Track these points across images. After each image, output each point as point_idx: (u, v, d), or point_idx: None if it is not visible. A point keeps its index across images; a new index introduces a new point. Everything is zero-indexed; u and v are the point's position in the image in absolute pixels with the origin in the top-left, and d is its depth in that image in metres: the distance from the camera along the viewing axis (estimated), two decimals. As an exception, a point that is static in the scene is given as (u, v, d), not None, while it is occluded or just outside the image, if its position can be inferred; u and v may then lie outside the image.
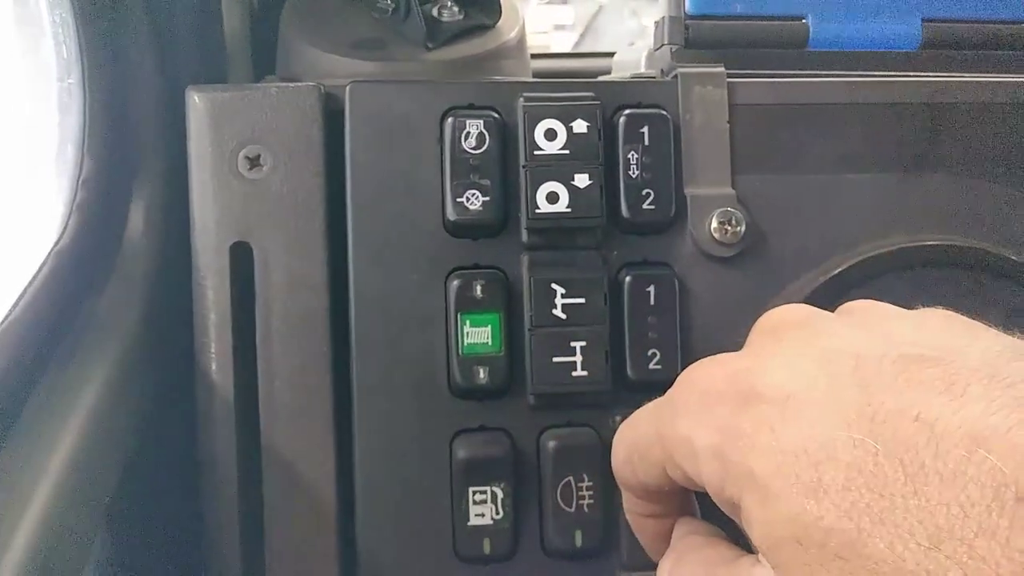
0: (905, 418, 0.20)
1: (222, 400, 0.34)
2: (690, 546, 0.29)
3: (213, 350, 0.34)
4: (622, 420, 0.35)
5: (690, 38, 0.38)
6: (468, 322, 0.34)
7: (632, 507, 0.31)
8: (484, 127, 0.35)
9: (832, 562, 0.21)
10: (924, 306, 0.25)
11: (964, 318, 0.24)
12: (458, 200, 0.34)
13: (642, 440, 0.28)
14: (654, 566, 0.35)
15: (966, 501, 0.19)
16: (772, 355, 0.25)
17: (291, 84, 0.35)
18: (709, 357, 0.27)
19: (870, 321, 0.25)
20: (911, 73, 0.39)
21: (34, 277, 0.32)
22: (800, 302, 0.35)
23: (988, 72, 0.39)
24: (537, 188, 0.34)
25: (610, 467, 0.35)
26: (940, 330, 0.24)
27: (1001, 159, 0.37)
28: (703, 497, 0.27)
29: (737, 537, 0.27)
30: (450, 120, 0.35)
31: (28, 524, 0.26)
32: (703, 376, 0.26)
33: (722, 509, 0.25)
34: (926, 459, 0.20)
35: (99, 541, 0.33)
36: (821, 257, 0.36)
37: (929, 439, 0.20)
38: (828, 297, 0.35)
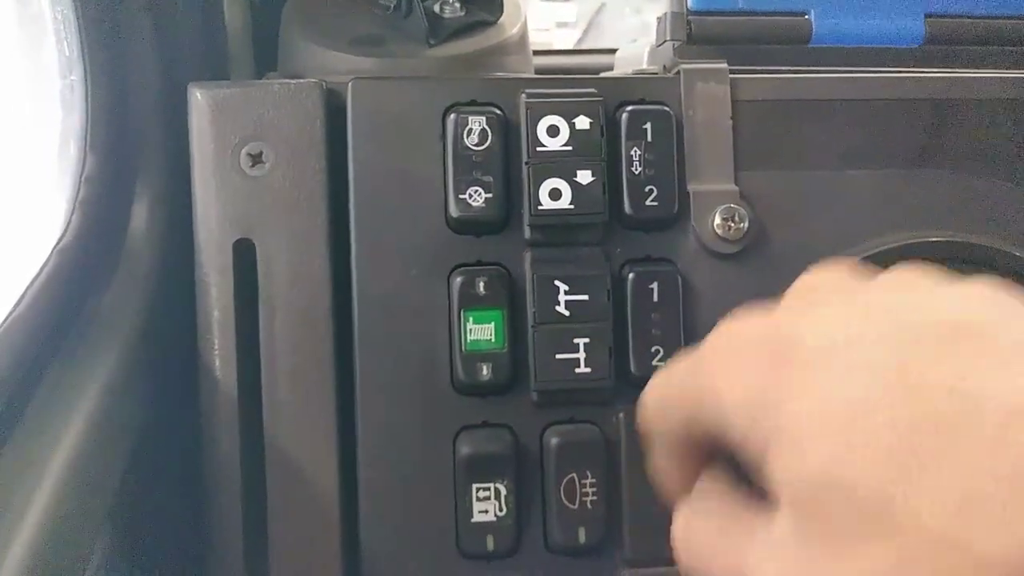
0: (943, 385, 0.20)
1: (225, 397, 0.34)
2: (710, 494, 0.28)
3: (216, 347, 0.34)
4: (625, 417, 0.35)
5: (693, 34, 0.38)
6: (471, 319, 0.34)
7: (659, 464, 0.31)
8: (486, 124, 0.35)
9: (855, 521, 0.21)
10: None
11: (1009, 292, 0.24)
12: (460, 197, 0.34)
13: (674, 391, 0.28)
14: (657, 562, 0.35)
15: (999, 470, 0.19)
16: (813, 311, 0.24)
17: (293, 81, 0.35)
18: (746, 310, 0.26)
19: (913, 287, 0.25)
20: (914, 69, 0.39)
21: (37, 274, 0.32)
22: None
23: (992, 68, 0.39)
24: (540, 185, 0.34)
25: (613, 463, 0.35)
26: (984, 301, 0.23)
27: (1005, 155, 0.37)
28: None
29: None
30: (452, 117, 0.35)
31: (31, 521, 0.26)
32: (740, 328, 0.26)
33: (745, 465, 0.25)
34: (962, 426, 0.20)
35: (102, 538, 0.33)
36: (824, 253, 0.36)
37: (966, 407, 0.20)
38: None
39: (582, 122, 0.35)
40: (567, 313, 0.34)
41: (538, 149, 0.35)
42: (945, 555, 0.20)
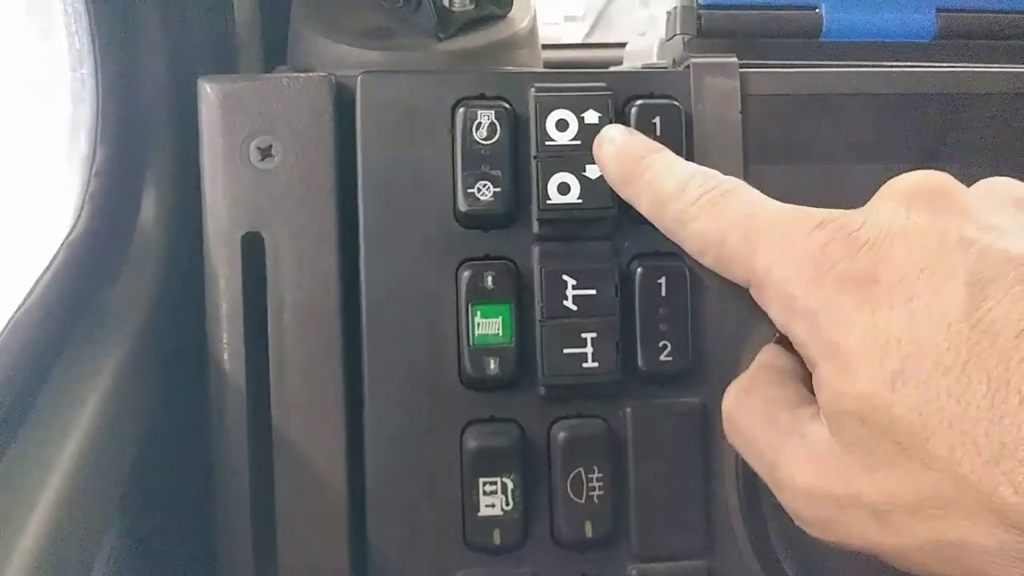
0: (1007, 331, 0.20)
1: (233, 390, 0.34)
2: (763, 380, 0.29)
3: (225, 340, 0.34)
4: (632, 412, 0.35)
5: (702, 28, 0.38)
6: (479, 313, 0.34)
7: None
8: (495, 117, 0.35)
9: (889, 446, 0.22)
10: None
11: None
12: (469, 191, 0.34)
13: (731, 249, 0.27)
14: (664, 557, 0.35)
15: None
16: (906, 228, 0.24)
17: (302, 74, 0.35)
18: (831, 216, 0.25)
19: (1014, 219, 0.24)
20: (925, 64, 0.38)
21: (47, 267, 0.32)
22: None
23: (1003, 63, 0.39)
24: (548, 179, 0.34)
25: (620, 458, 0.35)
26: None
27: (1016, 150, 0.37)
28: None
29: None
30: (461, 111, 0.35)
31: (40, 514, 0.26)
32: (822, 238, 0.25)
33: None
34: (1012, 377, 0.20)
35: (111, 530, 0.33)
36: None
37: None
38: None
39: (591, 116, 0.35)
40: (575, 308, 0.34)
41: (547, 143, 0.35)
42: (966, 496, 0.20)
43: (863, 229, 0.24)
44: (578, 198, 0.34)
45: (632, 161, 0.32)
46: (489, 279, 0.34)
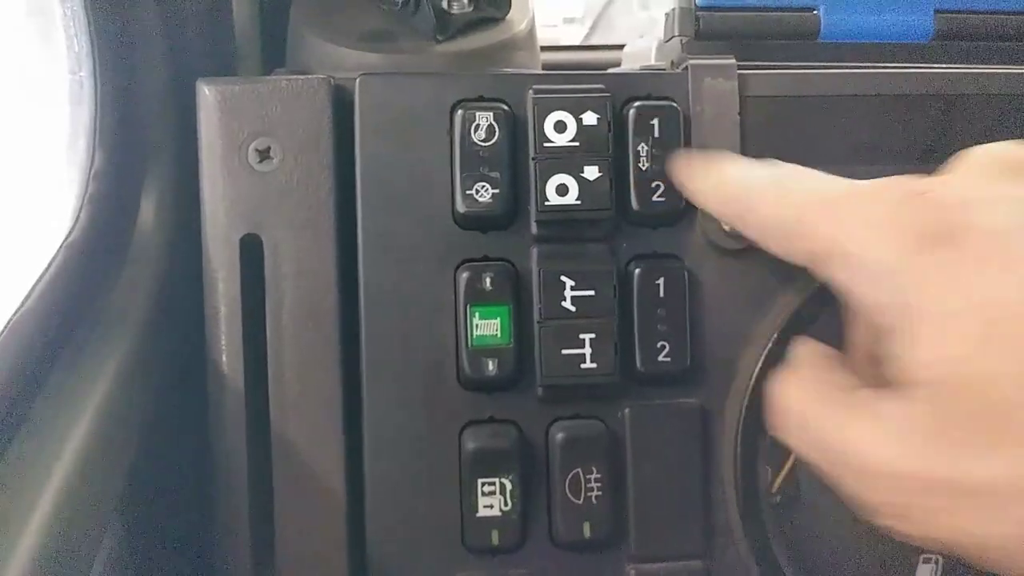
0: None
1: (232, 392, 0.34)
2: (812, 365, 0.28)
3: (223, 342, 0.34)
4: (630, 413, 0.35)
5: (701, 30, 0.38)
6: (477, 314, 0.34)
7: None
8: (494, 119, 0.35)
9: (986, 419, 0.21)
10: None
11: None
12: (467, 192, 0.34)
13: (800, 226, 0.27)
14: (662, 557, 0.35)
15: None
16: (987, 194, 0.23)
17: (301, 77, 0.35)
18: (909, 180, 0.25)
19: None
20: (924, 65, 0.38)
21: (46, 270, 0.32)
22: (810, 294, 0.35)
23: (1002, 64, 0.39)
24: (546, 180, 0.34)
25: (618, 459, 0.35)
26: None
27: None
28: None
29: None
30: (460, 112, 0.35)
31: (40, 515, 0.26)
32: (906, 190, 0.24)
33: (861, 323, 0.25)
34: None
35: (110, 533, 0.33)
36: None
37: None
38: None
39: (589, 118, 0.35)
40: (573, 309, 0.34)
41: (545, 145, 0.35)
42: None
43: (942, 192, 0.24)
44: (576, 199, 0.34)
45: (702, 165, 0.33)
46: (487, 280, 0.34)
